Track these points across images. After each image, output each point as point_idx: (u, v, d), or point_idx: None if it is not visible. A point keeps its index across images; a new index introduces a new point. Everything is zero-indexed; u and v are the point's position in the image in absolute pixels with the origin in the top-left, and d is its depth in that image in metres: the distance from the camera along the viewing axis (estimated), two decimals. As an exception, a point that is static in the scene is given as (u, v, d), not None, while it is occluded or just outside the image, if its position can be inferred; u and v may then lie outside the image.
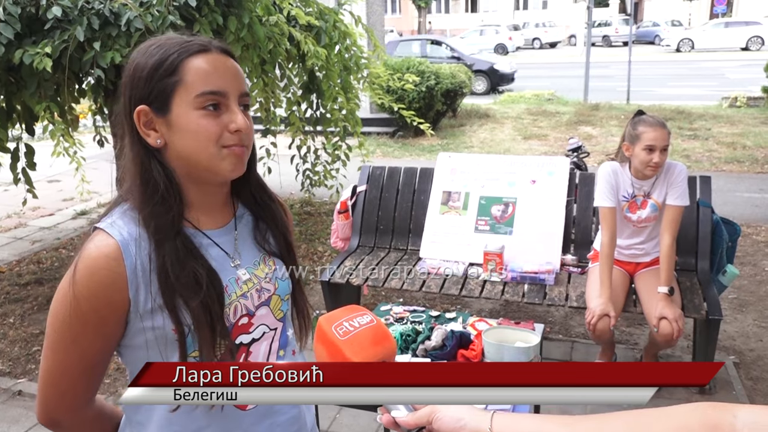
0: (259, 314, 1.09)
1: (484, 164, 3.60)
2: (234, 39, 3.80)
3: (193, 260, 0.99)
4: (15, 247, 5.26)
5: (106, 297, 0.96)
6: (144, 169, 1.00)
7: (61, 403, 1.02)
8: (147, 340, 1.00)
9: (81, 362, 1.00)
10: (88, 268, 0.96)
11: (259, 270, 1.10)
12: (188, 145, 0.99)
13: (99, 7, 3.42)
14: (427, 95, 8.97)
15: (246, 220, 1.13)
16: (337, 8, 5.00)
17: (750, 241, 4.84)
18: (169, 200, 0.99)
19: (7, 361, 3.41)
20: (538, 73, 18.57)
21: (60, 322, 0.98)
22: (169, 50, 0.98)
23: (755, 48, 23.17)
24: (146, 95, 0.98)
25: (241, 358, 1.07)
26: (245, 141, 1.01)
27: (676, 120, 9.46)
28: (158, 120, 0.99)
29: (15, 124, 3.96)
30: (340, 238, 3.70)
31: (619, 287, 2.87)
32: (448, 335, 2.14)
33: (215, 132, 0.98)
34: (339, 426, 2.74)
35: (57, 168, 6.51)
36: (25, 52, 3.23)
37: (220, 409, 1.04)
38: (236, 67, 1.03)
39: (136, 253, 0.97)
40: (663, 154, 2.70)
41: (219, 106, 0.99)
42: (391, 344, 0.90)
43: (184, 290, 0.97)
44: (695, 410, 0.70)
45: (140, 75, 0.98)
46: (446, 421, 0.80)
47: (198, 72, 0.97)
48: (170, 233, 0.99)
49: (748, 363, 3.18)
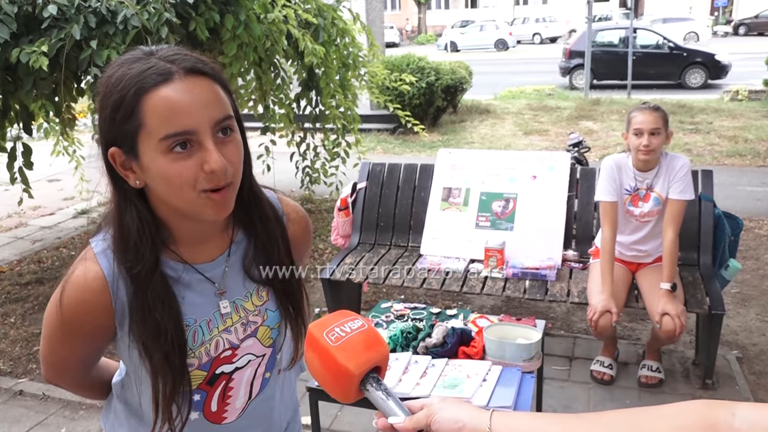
0: (245, 345, 1.06)
1: (485, 160, 3.58)
2: (230, 37, 3.78)
3: (162, 312, 0.95)
4: (16, 247, 5.26)
5: (92, 322, 0.98)
6: (120, 211, 0.95)
7: (59, 375, 1.11)
8: (129, 358, 1.02)
9: (72, 357, 1.06)
10: (73, 297, 0.96)
11: (249, 303, 1.06)
12: (164, 191, 0.90)
13: (96, 5, 3.41)
14: (427, 91, 8.94)
15: (243, 247, 1.06)
16: (335, 5, 4.98)
17: (752, 235, 4.81)
18: (142, 250, 0.93)
19: (8, 361, 3.41)
20: (538, 69, 18.53)
21: (50, 328, 1.02)
22: (126, 86, 0.87)
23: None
24: (113, 138, 0.90)
25: (221, 386, 1.06)
26: (226, 179, 0.90)
27: (678, 114, 9.42)
28: (132, 161, 0.91)
29: (13, 124, 3.95)
30: (340, 236, 3.69)
31: (621, 283, 2.86)
32: (449, 332, 2.12)
33: (189, 176, 0.87)
34: (340, 424, 2.73)
35: (57, 167, 6.51)
36: (22, 50, 3.21)
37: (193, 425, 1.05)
38: (208, 90, 0.89)
39: (120, 288, 0.96)
40: (654, 137, 2.67)
41: (190, 144, 0.87)
42: (384, 349, 0.88)
43: (147, 341, 0.96)
44: (693, 408, 0.69)
45: (105, 115, 0.90)
46: (445, 424, 0.78)
47: (157, 112, 0.86)
48: (141, 283, 0.94)
49: (751, 358, 3.16)
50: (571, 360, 3.18)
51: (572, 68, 13.93)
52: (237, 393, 1.08)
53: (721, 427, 0.65)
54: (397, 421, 0.81)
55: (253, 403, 1.11)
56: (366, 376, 0.85)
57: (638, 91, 12.34)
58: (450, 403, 0.81)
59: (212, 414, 1.07)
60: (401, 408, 0.83)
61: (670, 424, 0.68)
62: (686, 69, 13.23)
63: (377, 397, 0.84)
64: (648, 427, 0.69)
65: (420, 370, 1.97)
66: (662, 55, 13.44)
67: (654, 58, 13.39)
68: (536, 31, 31.72)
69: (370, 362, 0.85)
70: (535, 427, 0.76)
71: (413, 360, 2.04)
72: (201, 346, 1.00)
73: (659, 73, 13.50)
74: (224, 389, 1.06)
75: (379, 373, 0.87)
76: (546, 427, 0.75)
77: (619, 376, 3.00)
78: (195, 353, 1.00)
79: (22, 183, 3.96)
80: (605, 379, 2.95)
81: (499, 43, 28.60)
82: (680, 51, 13.40)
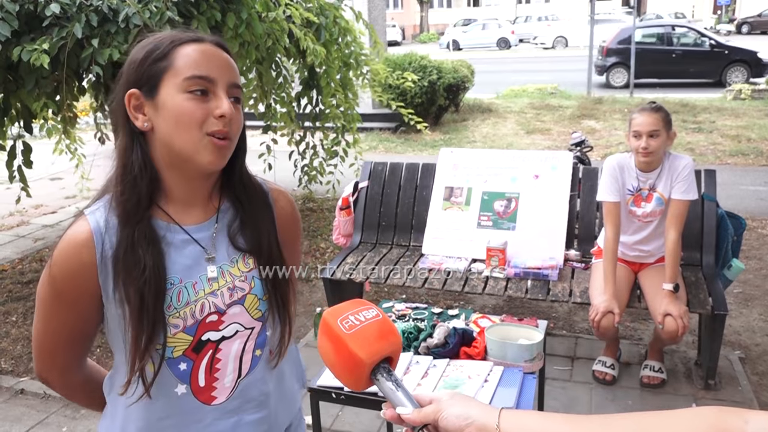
0: (231, 312, 1.08)
1: (487, 159, 3.57)
2: (232, 35, 3.78)
3: (145, 249, 1.00)
4: (17, 245, 5.26)
5: (77, 282, 1.01)
6: (126, 150, 1.03)
7: (47, 364, 1.12)
8: (118, 326, 1.04)
9: (60, 333, 1.07)
10: (61, 254, 1.01)
11: (235, 268, 1.10)
12: (171, 128, 0.99)
13: (97, 4, 3.40)
14: (429, 90, 8.93)
15: (229, 215, 1.12)
16: (337, 3, 4.97)
17: (755, 235, 4.80)
18: (139, 185, 1.01)
19: (10, 360, 3.41)
20: (540, 67, 18.50)
21: (40, 297, 1.06)
22: (162, 40, 1.02)
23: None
24: (137, 79, 1.01)
25: (207, 354, 1.07)
26: (230, 130, 1.01)
27: (680, 113, 9.40)
28: (147, 103, 1.01)
29: (14, 122, 3.94)
30: (342, 235, 3.69)
31: (624, 283, 2.85)
32: (450, 332, 2.12)
33: (199, 116, 0.99)
34: (342, 424, 2.73)
35: (59, 166, 6.52)
36: (24, 49, 3.21)
37: (179, 400, 1.07)
38: (228, 59, 1.04)
39: (107, 242, 1.01)
40: (652, 139, 2.66)
41: (206, 93, 1.00)
42: (397, 339, 0.88)
43: (125, 275, 1.00)
44: (704, 415, 0.68)
45: (134, 61, 1.02)
46: (452, 420, 0.78)
47: (187, 57, 1.00)
48: (134, 219, 1.01)
49: (753, 358, 3.15)
50: (573, 360, 3.17)
51: (609, 66, 13.63)
52: (225, 367, 1.09)
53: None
54: (405, 412, 0.81)
55: (242, 383, 1.11)
56: (377, 365, 0.85)
57: (641, 89, 12.31)
58: (459, 399, 0.80)
59: (201, 390, 1.08)
60: (410, 400, 0.82)
61: (682, 429, 0.67)
62: (727, 67, 12.82)
63: (387, 388, 0.84)
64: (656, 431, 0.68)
65: (421, 371, 1.96)
66: (703, 53, 13.06)
67: (694, 56, 13.04)
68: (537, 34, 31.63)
69: (382, 352, 0.85)
70: (545, 427, 0.75)
71: (415, 360, 2.03)
72: (186, 306, 1.04)
73: (699, 71, 13.06)
74: (211, 360, 1.07)
75: (391, 363, 0.87)
76: (555, 426, 0.75)
77: (621, 376, 2.99)
78: (180, 313, 1.03)
79: (20, 181, 3.95)
80: (607, 379, 2.94)
81: (502, 41, 28.56)
82: (722, 49, 12.96)
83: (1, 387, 3.16)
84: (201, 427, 1.09)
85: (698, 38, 13.31)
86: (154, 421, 1.08)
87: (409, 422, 0.80)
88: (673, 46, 12.77)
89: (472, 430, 0.76)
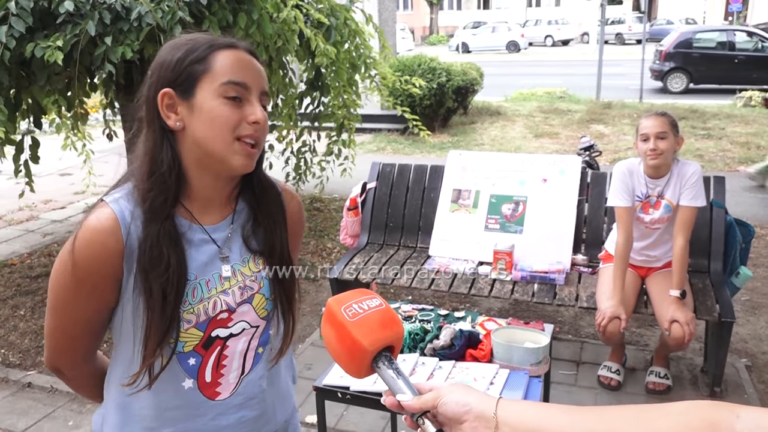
0: (240, 311, 1.11)
1: (495, 162, 3.57)
2: (242, 36, 3.79)
3: (170, 246, 1.02)
4: (26, 240, 5.30)
5: (101, 268, 1.02)
6: (155, 147, 1.04)
7: (61, 355, 1.13)
8: (131, 316, 1.05)
9: (76, 324, 1.08)
10: (86, 239, 1.01)
11: (246, 268, 1.12)
12: (205, 130, 1.01)
13: (111, 2, 3.43)
14: (438, 92, 8.93)
15: (244, 216, 1.14)
16: (348, 5, 4.98)
17: (763, 243, 4.78)
18: (168, 182, 1.03)
19: (17, 353, 3.43)
20: (550, 71, 18.46)
21: (58, 285, 1.05)
22: (199, 43, 1.04)
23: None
24: (173, 79, 1.02)
25: (215, 351, 1.10)
26: (260, 136, 1.04)
27: (690, 119, 9.36)
28: (181, 103, 1.02)
29: (25, 118, 3.97)
30: (349, 235, 3.70)
31: (630, 289, 2.84)
32: (456, 334, 2.12)
33: (234, 120, 1.01)
34: (346, 423, 2.73)
35: (69, 161, 6.56)
36: (37, 45, 3.24)
37: (185, 394, 1.09)
38: (260, 67, 1.07)
39: (134, 231, 1.02)
40: (661, 141, 2.67)
41: (241, 99, 1.02)
42: (399, 329, 0.89)
43: (150, 270, 1.01)
44: (697, 407, 0.69)
45: (170, 60, 1.03)
46: (451, 406, 0.79)
47: (225, 62, 1.02)
48: (160, 215, 1.02)
49: (760, 366, 3.14)
50: (579, 365, 3.17)
51: (667, 72, 13.19)
52: (231, 364, 1.12)
53: (723, 426, 0.65)
54: (405, 399, 0.82)
55: (245, 380, 1.14)
56: (379, 353, 0.86)
57: (649, 95, 12.27)
58: (458, 387, 0.82)
59: (207, 385, 1.10)
60: (410, 388, 0.84)
61: (673, 420, 0.69)
62: None
63: (388, 375, 0.86)
64: (652, 422, 0.70)
65: (427, 372, 1.97)
66: (765, 59, 12.72)
67: (756, 61, 12.73)
68: (548, 34, 31.59)
69: (384, 340, 0.86)
70: (542, 416, 0.76)
71: (420, 361, 2.04)
72: (200, 302, 1.06)
73: (761, 77, 12.50)
74: (219, 356, 1.10)
75: (392, 352, 0.88)
76: (552, 416, 0.76)
77: (626, 381, 2.99)
78: (194, 309, 1.06)
79: (25, 176, 3.98)
80: (612, 384, 2.94)
81: (511, 44, 28.55)
82: None
83: (8, 380, 3.18)
84: (205, 421, 1.12)
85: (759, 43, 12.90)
86: (161, 411, 1.10)
87: (408, 409, 0.82)
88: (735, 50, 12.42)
89: (470, 417, 0.77)
